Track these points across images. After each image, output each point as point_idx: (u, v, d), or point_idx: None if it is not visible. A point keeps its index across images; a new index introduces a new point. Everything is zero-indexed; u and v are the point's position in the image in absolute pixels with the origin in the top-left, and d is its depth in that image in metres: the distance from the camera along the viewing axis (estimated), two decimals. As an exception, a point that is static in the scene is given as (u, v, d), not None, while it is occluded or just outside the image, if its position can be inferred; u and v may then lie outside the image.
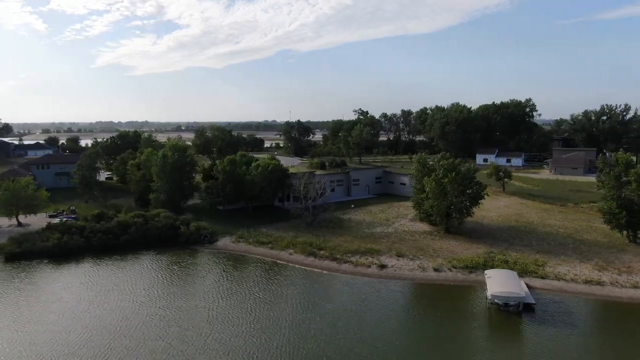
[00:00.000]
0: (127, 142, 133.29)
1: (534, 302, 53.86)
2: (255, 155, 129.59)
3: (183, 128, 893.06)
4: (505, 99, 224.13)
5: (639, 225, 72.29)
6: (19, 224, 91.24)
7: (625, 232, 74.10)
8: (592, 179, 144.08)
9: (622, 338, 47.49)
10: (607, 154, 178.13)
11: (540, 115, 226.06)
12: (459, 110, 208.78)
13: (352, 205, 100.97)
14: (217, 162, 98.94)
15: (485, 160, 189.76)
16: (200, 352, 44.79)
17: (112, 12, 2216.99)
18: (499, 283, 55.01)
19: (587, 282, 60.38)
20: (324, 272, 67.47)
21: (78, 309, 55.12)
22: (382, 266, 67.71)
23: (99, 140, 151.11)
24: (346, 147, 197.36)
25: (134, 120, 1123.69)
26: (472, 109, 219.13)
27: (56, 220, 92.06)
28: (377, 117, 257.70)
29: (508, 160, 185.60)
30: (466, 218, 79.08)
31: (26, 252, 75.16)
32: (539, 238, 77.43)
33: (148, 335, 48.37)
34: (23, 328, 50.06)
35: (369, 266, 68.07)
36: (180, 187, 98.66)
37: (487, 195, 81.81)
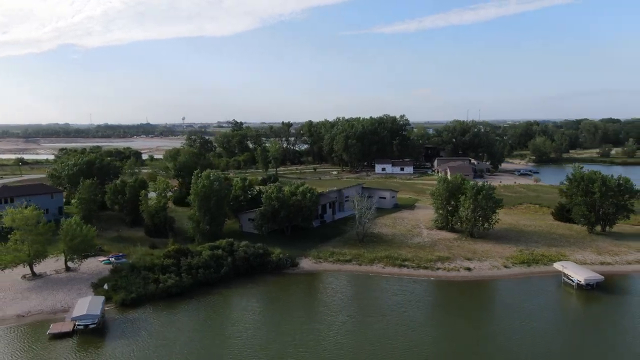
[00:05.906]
0: (96, 168, 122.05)
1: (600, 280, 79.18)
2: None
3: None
4: (315, 100, 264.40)
5: (596, 222, 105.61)
6: (68, 269, 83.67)
7: (587, 227, 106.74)
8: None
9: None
10: (472, 161, 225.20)
11: (413, 129, 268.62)
12: (350, 125, 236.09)
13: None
14: (265, 188, 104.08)
15: (383, 169, 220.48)
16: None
17: None
18: (580, 271, 79.29)
19: (602, 263, 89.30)
20: (431, 278, 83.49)
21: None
22: (468, 269, 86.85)
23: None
24: (264, 162, 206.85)
25: None
26: (347, 118, 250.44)
27: (102, 260, 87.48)
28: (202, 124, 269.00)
29: (402, 169, 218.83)
30: (494, 224, 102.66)
31: (141, 297, 73.13)
32: (535, 236, 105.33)
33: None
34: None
35: (458, 270, 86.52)
36: (218, 215, 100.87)
37: (502, 207, 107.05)
